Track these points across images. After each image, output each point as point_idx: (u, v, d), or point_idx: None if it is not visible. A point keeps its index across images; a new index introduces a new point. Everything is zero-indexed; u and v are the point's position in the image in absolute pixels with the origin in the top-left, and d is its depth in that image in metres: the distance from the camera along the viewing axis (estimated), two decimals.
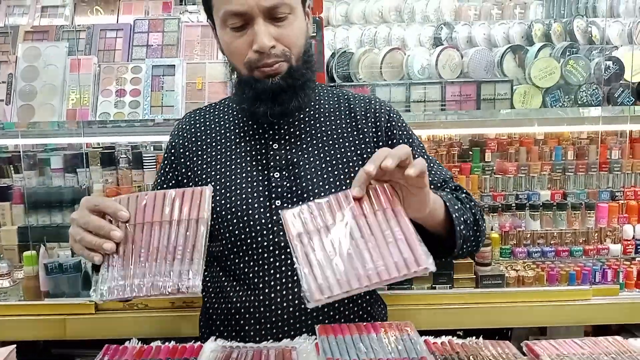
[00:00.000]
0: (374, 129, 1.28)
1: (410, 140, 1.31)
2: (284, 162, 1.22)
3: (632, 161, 2.02)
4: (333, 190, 1.20)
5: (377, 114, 1.29)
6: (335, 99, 1.33)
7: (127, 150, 2.22)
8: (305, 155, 1.24)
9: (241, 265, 1.22)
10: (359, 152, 1.25)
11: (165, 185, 1.30)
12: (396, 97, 1.83)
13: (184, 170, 1.29)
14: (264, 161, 1.23)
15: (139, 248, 0.93)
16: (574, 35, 1.94)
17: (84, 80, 1.95)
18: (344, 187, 1.20)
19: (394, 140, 1.28)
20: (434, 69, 1.87)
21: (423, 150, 1.32)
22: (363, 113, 1.29)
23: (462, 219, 1.15)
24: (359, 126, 1.28)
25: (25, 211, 2.08)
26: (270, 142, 1.24)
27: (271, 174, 1.22)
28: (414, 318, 1.74)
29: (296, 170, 1.22)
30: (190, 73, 1.97)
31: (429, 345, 1.05)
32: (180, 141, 1.31)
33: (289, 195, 1.20)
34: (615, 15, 2.05)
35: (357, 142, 1.26)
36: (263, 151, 1.24)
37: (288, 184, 1.21)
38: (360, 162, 1.24)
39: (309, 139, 1.25)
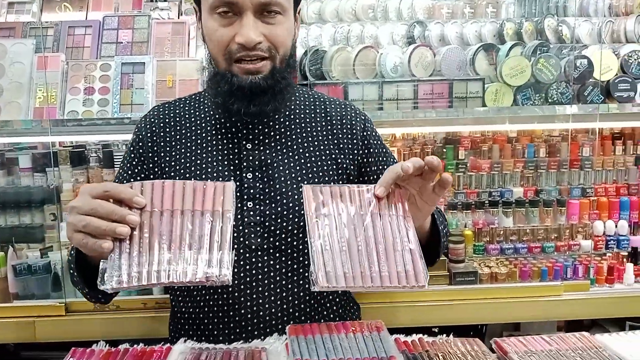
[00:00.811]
0: (349, 136, 1.27)
1: (384, 150, 1.33)
2: (257, 162, 1.20)
3: (603, 158, 2.05)
4: None
5: (353, 122, 1.29)
6: (311, 101, 1.32)
7: (98, 149, 2.17)
8: (280, 157, 1.22)
9: None
10: (333, 157, 1.25)
11: (132, 180, 1.24)
12: (369, 95, 1.83)
13: (151, 165, 1.24)
14: (237, 161, 1.20)
15: (157, 235, 0.89)
16: (545, 34, 1.96)
17: (51, 78, 1.90)
18: None
19: (370, 150, 1.29)
20: (406, 68, 1.87)
21: (394, 161, 1.34)
22: (339, 119, 1.29)
23: (444, 230, 1.22)
24: (335, 131, 1.27)
25: None
26: (244, 142, 1.21)
27: (244, 174, 1.19)
28: (388, 316, 1.76)
29: (270, 172, 1.20)
30: (161, 71, 1.93)
31: (399, 343, 1.05)
32: (148, 134, 1.25)
33: (262, 197, 1.18)
34: (585, 15, 2.08)
35: (332, 147, 1.25)
36: (236, 150, 1.21)
37: (261, 185, 1.19)
38: (334, 167, 1.24)
39: (283, 141, 1.23)
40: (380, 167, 1.29)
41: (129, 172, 1.26)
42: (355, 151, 1.27)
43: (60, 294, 1.83)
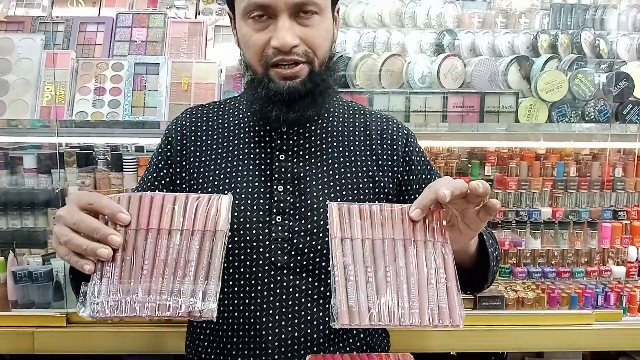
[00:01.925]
0: (389, 152, 1.19)
1: (429, 167, 1.24)
2: (289, 175, 1.13)
3: (635, 179, 1.95)
4: None
5: (395, 137, 1.20)
6: (351, 112, 1.23)
7: (106, 151, 2.09)
8: (313, 171, 1.14)
9: (232, 283, 1.11)
10: (370, 174, 1.17)
11: (156, 183, 1.18)
12: (395, 105, 1.73)
13: (178, 169, 1.18)
14: (268, 172, 1.14)
15: (141, 259, 0.81)
16: (581, 47, 1.86)
17: (60, 76, 1.81)
18: None
19: (412, 167, 1.20)
20: (435, 78, 1.77)
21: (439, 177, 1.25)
22: (379, 133, 1.20)
23: (494, 254, 1.10)
24: (374, 147, 1.19)
25: None
26: (277, 152, 1.14)
27: (274, 187, 1.12)
28: (412, 340, 1.66)
29: (302, 186, 1.12)
30: (176, 72, 1.84)
31: None
32: (179, 137, 1.19)
33: (291, 212, 1.11)
34: (624, 29, 1.98)
35: (370, 163, 1.17)
36: (268, 161, 1.14)
37: (292, 199, 1.11)
38: (370, 185, 1.16)
39: (318, 153, 1.16)
40: (423, 187, 1.19)
41: (154, 174, 1.19)
42: (395, 168, 1.19)
43: (61, 304, 1.75)
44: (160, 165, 1.20)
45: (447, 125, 1.72)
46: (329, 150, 1.17)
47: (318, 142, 1.17)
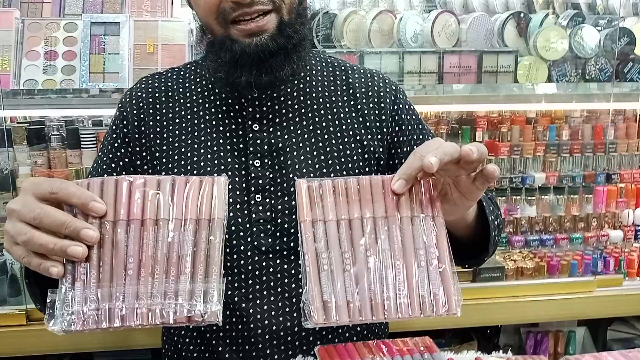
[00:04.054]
0: (376, 111, 1.05)
1: (421, 126, 1.10)
2: (266, 147, 0.99)
3: (627, 142, 1.89)
4: None
5: (382, 93, 1.06)
6: (330, 69, 1.08)
7: (60, 126, 1.86)
8: (293, 140, 1.00)
9: None
10: (358, 138, 1.03)
11: (113, 165, 1.02)
12: (387, 66, 1.60)
13: (137, 148, 1.01)
14: (241, 145, 0.99)
15: (123, 256, 0.67)
16: (578, 4, 1.77)
17: (2, 39, 1.57)
18: None
19: (402, 127, 1.07)
20: (428, 36, 1.64)
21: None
22: (364, 90, 1.06)
23: (495, 222, 0.97)
24: (359, 106, 1.05)
25: None
26: (250, 122, 0.99)
27: (250, 162, 0.98)
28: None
29: (281, 158, 0.99)
30: (140, 33, 1.63)
31: None
32: (135, 111, 1.02)
33: (272, 189, 0.98)
34: None
35: (356, 125, 1.04)
36: (240, 133, 1.00)
37: (271, 174, 0.98)
38: (359, 151, 1.03)
39: (297, 119, 1.02)
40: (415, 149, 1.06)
41: (110, 155, 1.02)
42: (385, 129, 1.05)
43: (19, 300, 1.57)
44: (116, 145, 1.03)
45: (442, 88, 1.59)
46: (309, 114, 1.03)
47: (296, 107, 1.02)
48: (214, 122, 1.01)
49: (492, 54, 1.62)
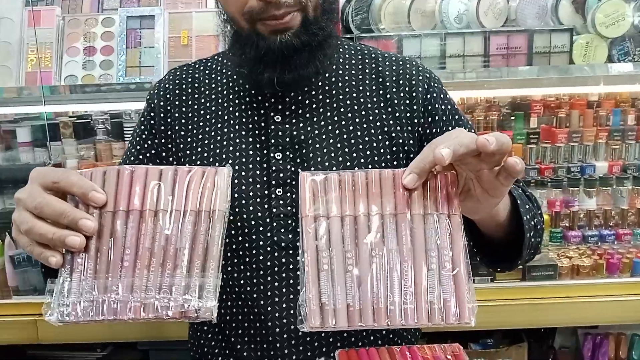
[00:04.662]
0: (407, 101, 0.99)
1: (457, 117, 1.02)
2: (287, 139, 0.96)
3: None
4: None
5: (414, 81, 0.99)
6: (359, 57, 1.03)
7: (105, 119, 1.90)
8: (316, 132, 0.97)
9: (230, 269, 0.97)
10: (386, 129, 0.97)
11: (141, 157, 1.03)
12: (428, 51, 1.50)
13: (163, 140, 1.02)
14: (263, 137, 0.97)
15: (121, 248, 0.66)
16: None
17: (44, 37, 1.61)
18: None
19: (435, 118, 0.99)
20: (474, 16, 1.53)
21: (472, 132, 1.04)
22: (394, 79, 1.00)
23: (532, 222, 0.89)
24: (388, 96, 0.99)
25: None
26: (272, 114, 0.97)
27: (271, 155, 0.96)
28: None
29: (303, 151, 0.96)
30: (174, 25, 1.63)
31: None
32: (162, 103, 1.03)
33: (293, 182, 0.95)
34: None
35: (384, 116, 0.98)
36: (262, 125, 0.97)
37: (292, 168, 0.95)
38: (387, 144, 0.97)
39: (321, 110, 0.98)
40: None
41: (138, 147, 1.04)
42: (416, 120, 0.99)
43: None
44: (144, 137, 1.04)
45: (489, 72, 1.48)
46: (334, 105, 0.98)
47: (320, 97, 0.98)
48: (236, 114, 0.99)
49: (544, 33, 1.48)
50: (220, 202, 0.67)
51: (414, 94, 0.98)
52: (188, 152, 0.99)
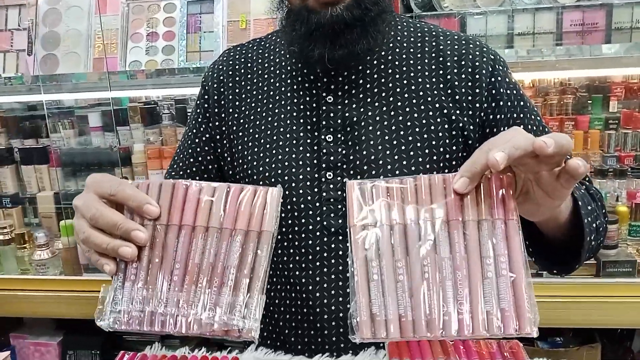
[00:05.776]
0: (469, 83, 0.93)
1: (522, 103, 0.95)
2: (339, 120, 0.93)
3: None
4: (405, 164, 0.90)
5: (477, 63, 0.93)
6: (419, 35, 0.97)
7: (171, 105, 1.95)
8: (369, 113, 0.93)
9: (279, 252, 0.96)
10: (445, 112, 0.92)
11: (197, 141, 1.03)
12: (495, 28, 1.41)
13: (217, 123, 1.02)
14: (314, 119, 0.94)
15: (171, 261, 0.68)
16: None
17: (110, 24, 1.66)
18: (420, 161, 0.90)
19: (499, 103, 0.93)
20: None
21: (539, 119, 0.97)
22: (456, 59, 0.94)
23: (594, 225, 0.83)
24: (449, 77, 0.93)
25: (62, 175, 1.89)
26: (324, 94, 0.94)
27: (322, 137, 0.93)
28: None
29: (355, 133, 0.92)
30: (233, 9, 1.64)
31: None
32: (215, 85, 1.03)
33: (344, 166, 0.92)
34: None
35: (444, 98, 0.92)
36: (314, 105, 0.95)
37: (344, 151, 0.92)
38: (446, 127, 0.92)
39: (375, 90, 0.93)
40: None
41: (194, 130, 1.05)
42: (478, 105, 0.92)
43: None
44: (199, 120, 1.04)
45: (562, 50, 1.37)
46: (390, 85, 0.93)
47: (375, 76, 0.94)
48: (288, 94, 0.97)
49: (625, 7, 1.35)
50: (269, 222, 0.68)
51: (477, 77, 0.92)
52: (240, 133, 0.98)
